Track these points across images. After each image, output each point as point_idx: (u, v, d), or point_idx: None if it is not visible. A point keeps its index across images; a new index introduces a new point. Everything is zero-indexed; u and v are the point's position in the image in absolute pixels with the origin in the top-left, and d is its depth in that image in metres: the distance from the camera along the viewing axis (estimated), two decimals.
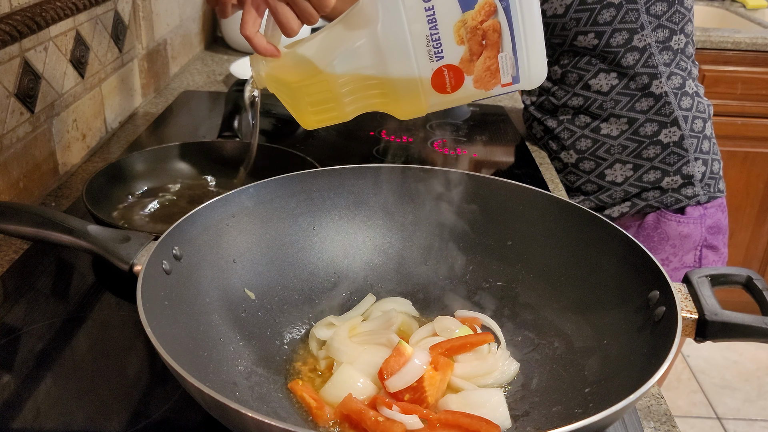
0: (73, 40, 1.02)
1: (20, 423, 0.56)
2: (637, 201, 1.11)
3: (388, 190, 0.73)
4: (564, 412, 0.55)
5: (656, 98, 1.07)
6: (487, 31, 0.64)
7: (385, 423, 0.52)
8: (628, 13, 1.03)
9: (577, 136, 1.12)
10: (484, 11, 0.63)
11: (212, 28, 1.84)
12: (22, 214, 0.65)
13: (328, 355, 0.62)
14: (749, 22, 2.25)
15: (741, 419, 2.09)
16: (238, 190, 0.67)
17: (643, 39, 1.04)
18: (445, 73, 0.65)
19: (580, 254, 0.65)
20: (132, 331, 0.68)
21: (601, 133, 1.10)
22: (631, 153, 1.09)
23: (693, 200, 1.10)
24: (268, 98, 1.38)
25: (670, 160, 1.08)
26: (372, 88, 0.67)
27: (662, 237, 1.11)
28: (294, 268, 0.69)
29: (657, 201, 1.10)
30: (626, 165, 1.10)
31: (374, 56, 0.65)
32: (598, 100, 1.09)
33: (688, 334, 0.55)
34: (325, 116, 0.70)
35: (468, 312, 0.68)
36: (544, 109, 1.17)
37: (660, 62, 1.06)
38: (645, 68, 1.06)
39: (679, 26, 1.07)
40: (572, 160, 1.14)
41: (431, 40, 0.64)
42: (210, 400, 0.44)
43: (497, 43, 0.65)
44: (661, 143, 1.08)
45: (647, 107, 1.07)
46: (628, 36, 1.04)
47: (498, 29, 0.64)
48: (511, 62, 0.66)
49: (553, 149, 1.16)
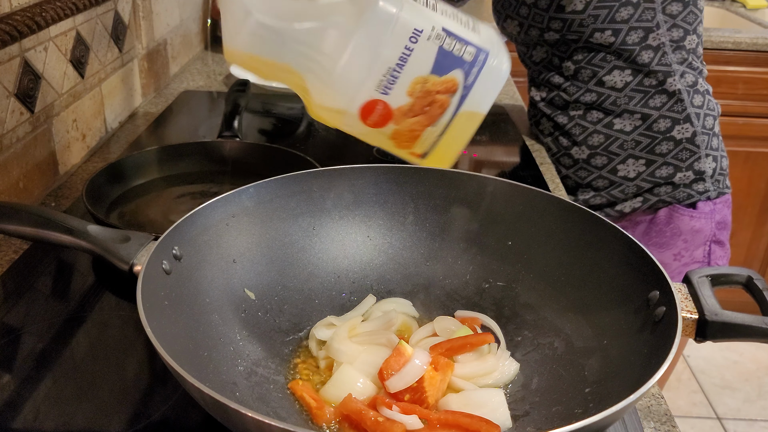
0: (73, 40, 1.02)
1: (20, 423, 0.56)
2: (649, 196, 1.12)
3: (388, 190, 0.73)
4: (564, 412, 0.55)
5: (669, 95, 1.08)
6: (436, 101, 0.65)
7: (385, 423, 0.52)
8: (645, 12, 1.04)
9: (589, 132, 1.12)
10: (446, 85, 0.64)
11: (212, 28, 1.83)
12: (22, 214, 0.65)
13: (328, 355, 0.62)
14: (749, 22, 2.25)
15: (741, 419, 2.09)
16: (238, 190, 0.67)
17: (658, 38, 1.05)
18: (378, 107, 0.65)
19: (580, 254, 0.65)
20: (132, 331, 0.68)
21: (614, 128, 1.10)
22: (644, 148, 1.10)
23: (704, 196, 1.11)
24: (268, 98, 1.38)
25: (682, 156, 1.09)
26: (312, 70, 0.65)
27: (675, 232, 1.12)
28: (294, 268, 0.69)
29: (669, 196, 1.11)
30: (639, 160, 1.11)
31: (338, 43, 0.63)
32: (611, 97, 1.09)
33: (688, 334, 0.55)
34: None
35: (468, 312, 0.68)
36: (554, 105, 1.17)
37: (673, 61, 1.07)
38: (659, 66, 1.07)
39: (692, 27, 1.09)
40: (584, 156, 1.14)
41: (390, 74, 0.64)
42: (210, 400, 0.44)
43: (435, 117, 0.66)
44: (674, 139, 1.09)
45: (660, 104, 1.08)
46: (643, 34, 1.05)
47: (444, 107, 0.65)
48: (432, 141, 0.67)
49: (564, 145, 1.16)
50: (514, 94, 1.51)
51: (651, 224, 1.14)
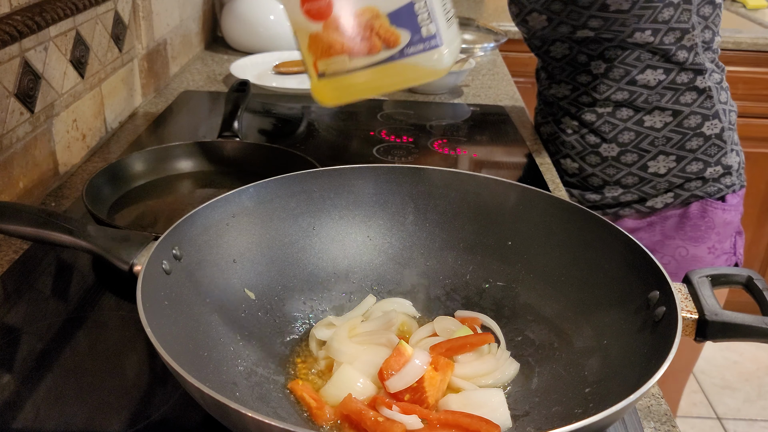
0: (73, 40, 1.02)
1: (20, 423, 0.56)
2: (680, 191, 1.14)
3: (388, 190, 0.73)
4: (564, 412, 0.55)
5: (700, 92, 1.09)
6: (370, 40, 0.62)
7: (385, 423, 0.52)
8: (683, 13, 1.05)
9: (619, 129, 1.13)
10: (388, 35, 0.62)
11: (212, 28, 1.84)
12: (22, 214, 0.65)
13: (328, 355, 0.62)
14: (750, 22, 2.25)
15: (741, 419, 2.09)
16: (238, 190, 0.67)
17: (692, 38, 1.07)
18: (323, 1, 0.62)
19: (580, 254, 0.65)
20: (132, 331, 0.68)
21: (645, 125, 1.11)
22: (674, 145, 1.11)
23: (731, 189, 1.14)
24: (268, 98, 1.38)
25: (711, 152, 1.11)
26: None
27: (709, 225, 1.15)
28: (294, 268, 0.69)
29: (701, 191, 1.13)
30: (669, 156, 1.12)
31: None
32: (643, 94, 1.10)
33: (688, 334, 0.55)
34: None
35: (468, 312, 0.68)
36: (580, 103, 1.17)
37: (705, 60, 1.09)
38: (692, 65, 1.09)
39: (717, 28, 1.12)
40: (613, 153, 1.14)
41: None
42: (210, 400, 0.44)
43: (357, 52, 0.63)
44: (703, 135, 1.11)
45: (691, 100, 1.09)
46: (680, 35, 1.06)
47: (372, 51, 0.62)
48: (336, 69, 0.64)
49: (591, 143, 1.16)
50: (514, 94, 1.51)
51: (684, 218, 1.16)
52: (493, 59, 1.78)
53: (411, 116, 1.32)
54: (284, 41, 1.67)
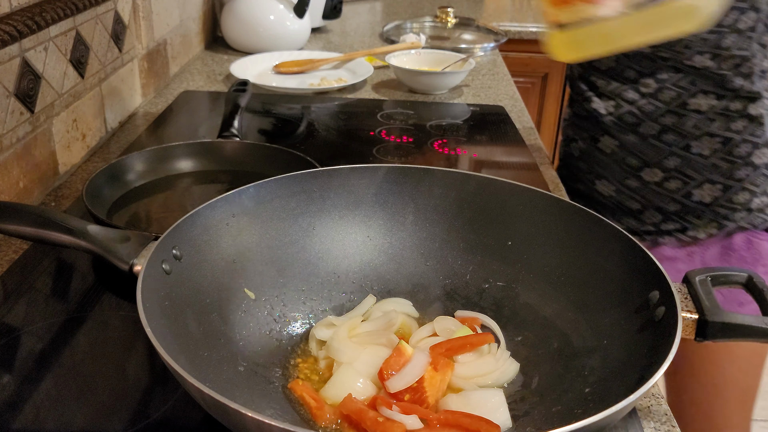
0: (73, 40, 1.02)
1: (20, 423, 0.56)
2: (725, 222, 1.07)
3: (388, 190, 0.73)
4: (564, 412, 0.55)
5: (751, 119, 1.04)
6: None
7: (385, 423, 0.52)
8: (745, 41, 1.00)
9: (665, 154, 1.06)
10: None
11: (212, 28, 1.84)
12: (22, 214, 0.65)
13: (328, 355, 0.62)
14: None
15: None
16: (238, 190, 0.67)
17: (751, 67, 1.02)
18: None
19: (580, 254, 0.65)
20: (132, 331, 0.68)
21: (692, 151, 1.05)
22: (722, 173, 1.05)
23: None
24: (268, 98, 1.38)
25: (758, 182, 1.05)
26: None
27: (756, 257, 1.08)
28: (294, 268, 0.69)
29: (746, 222, 1.07)
30: (716, 185, 1.05)
31: None
32: (693, 119, 1.04)
33: (688, 334, 0.55)
34: None
35: (468, 312, 0.68)
36: (623, 122, 1.09)
37: (760, 88, 1.04)
38: (747, 93, 1.03)
39: None
40: (656, 179, 1.07)
41: None
42: (210, 400, 0.44)
43: None
44: (752, 164, 1.05)
45: (742, 127, 1.04)
46: (739, 62, 1.01)
47: None
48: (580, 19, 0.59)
49: (633, 166, 1.08)
50: (513, 94, 1.51)
51: (728, 250, 1.09)
52: (493, 59, 1.78)
53: (411, 116, 1.32)
54: (284, 41, 1.67)
